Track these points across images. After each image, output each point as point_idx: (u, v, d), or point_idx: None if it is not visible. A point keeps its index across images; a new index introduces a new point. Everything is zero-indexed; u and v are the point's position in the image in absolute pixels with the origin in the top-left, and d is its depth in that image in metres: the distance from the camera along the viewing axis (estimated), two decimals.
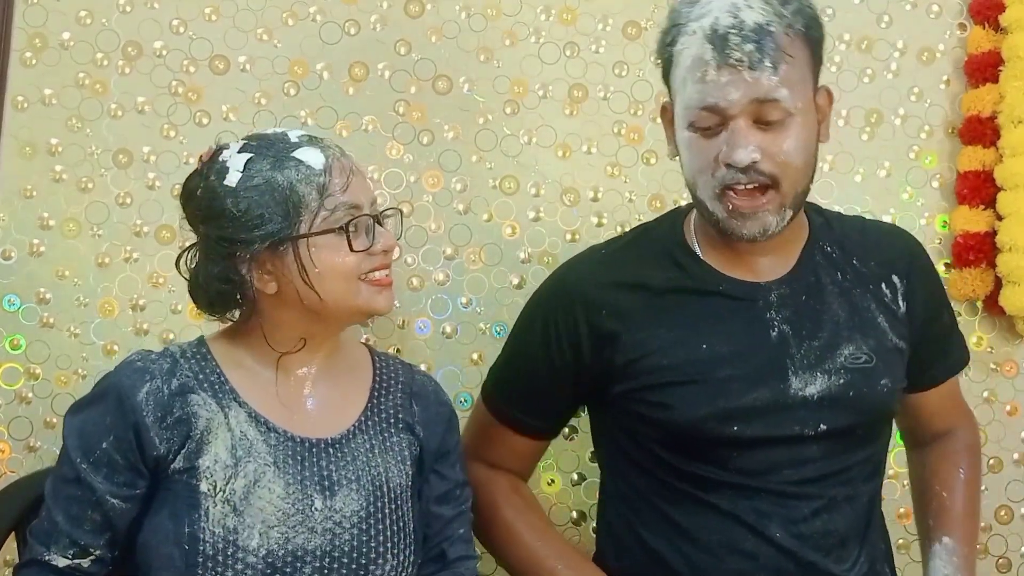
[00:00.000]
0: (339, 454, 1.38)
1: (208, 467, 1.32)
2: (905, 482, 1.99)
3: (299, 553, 1.32)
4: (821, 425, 1.44)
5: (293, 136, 1.39)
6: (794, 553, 1.43)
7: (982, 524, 1.99)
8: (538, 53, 2.01)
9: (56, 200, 1.91)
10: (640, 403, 1.47)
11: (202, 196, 1.37)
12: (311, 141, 1.38)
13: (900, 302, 1.53)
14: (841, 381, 1.45)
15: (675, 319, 1.47)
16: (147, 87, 1.94)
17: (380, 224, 1.39)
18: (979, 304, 2.04)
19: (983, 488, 1.99)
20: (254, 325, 1.39)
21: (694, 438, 1.44)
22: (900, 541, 1.98)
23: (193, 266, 1.41)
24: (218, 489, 1.31)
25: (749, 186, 1.39)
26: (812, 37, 1.42)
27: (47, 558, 1.33)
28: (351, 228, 1.35)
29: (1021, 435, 2.05)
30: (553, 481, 1.96)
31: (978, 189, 1.99)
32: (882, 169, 2.05)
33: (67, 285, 1.91)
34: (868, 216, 2.01)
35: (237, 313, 1.41)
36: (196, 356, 1.40)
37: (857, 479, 1.49)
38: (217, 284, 1.36)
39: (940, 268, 2.03)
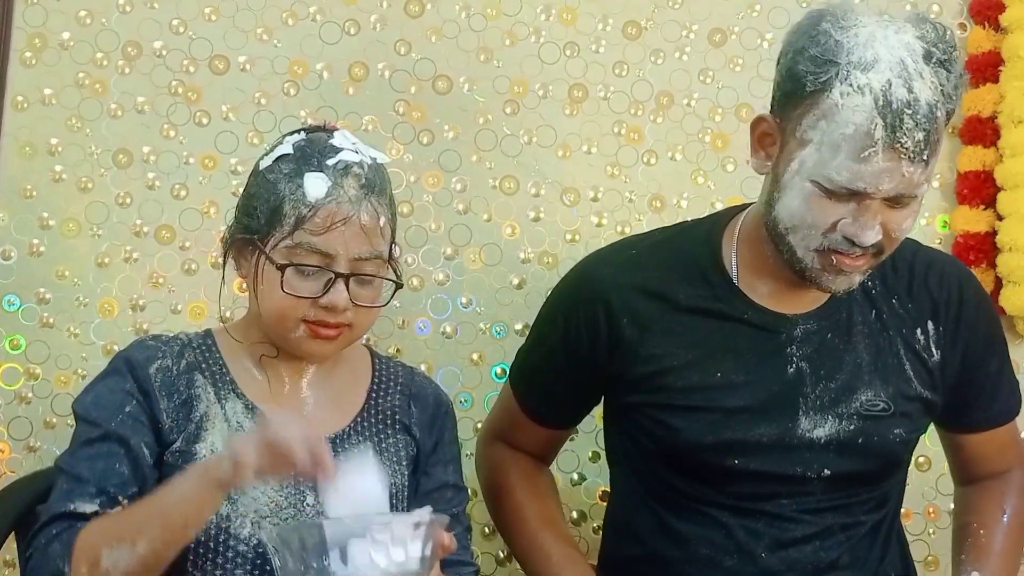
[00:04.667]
0: (334, 451, 1.35)
1: (205, 455, 1.33)
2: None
3: None
4: (825, 470, 1.42)
5: (337, 155, 1.35)
6: (776, 575, 1.42)
7: None
8: (538, 53, 2.00)
9: (56, 200, 1.91)
10: (646, 418, 1.47)
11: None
12: (336, 170, 1.33)
13: (934, 350, 1.47)
14: (852, 427, 1.42)
15: (693, 340, 1.44)
16: (147, 87, 1.94)
17: (348, 282, 1.32)
18: None
19: None
20: (250, 318, 1.42)
21: (694, 462, 1.44)
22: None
23: None
24: None
25: (858, 255, 1.35)
26: (953, 113, 1.35)
27: (71, 508, 1.27)
28: (292, 270, 1.31)
29: (1021, 435, 2.04)
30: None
31: (978, 189, 1.99)
32: None
33: (67, 285, 1.91)
34: None
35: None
36: (202, 346, 1.41)
37: (858, 511, 1.46)
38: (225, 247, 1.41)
39: None
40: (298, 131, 1.42)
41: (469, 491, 1.54)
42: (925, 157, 1.29)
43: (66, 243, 1.91)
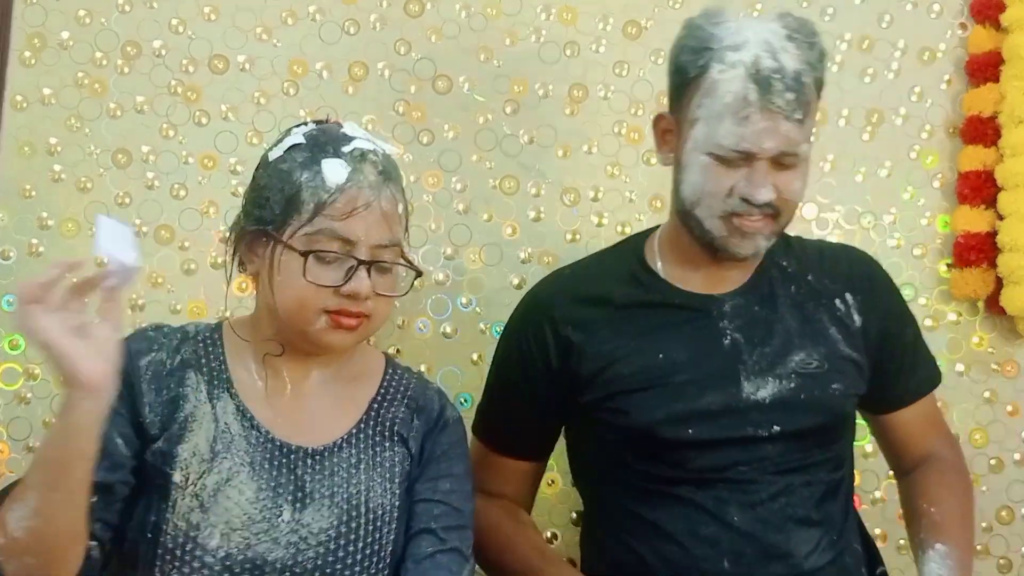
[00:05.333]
0: (317, 466, 1.34)
1: (185, 458, 1.30)
2: None
3: (259, 562, 1.28)
4: (775, 427, 1.49)
5: (351, 143, 1.34)
6: (753, 536, 1.47)
7: (983, 524, 1.99)
8: (538, 53, 2.00)
9: (55, 200, 1.91)
10: (603, 411, 1.53)
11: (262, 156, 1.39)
12: (354, 157, 1.32)
13: (854, 316, 1.58)
14: (792, 385, 1.50)
15: (634, 330, 1.54)
16: (146, 87, 1.94)
17: (369, 270, 1.30)
18: (980, 304, 2.03)
19: (983, 488, 2.00)
20: (258, 316, 1.38)
21: (653, 440, 1.49)
22: (901, 542, 1.98)
23: None
24: (190, 482, 1.29)
25: (756, 215, 1.47)
26: (822, 83, 1.49)
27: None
28: (314, 258, 1.29)
29: (1022, 435, 2.04)
30: (553, 482, 1.95)
31: (979, 189, 1.98)
32: (883, 169, 2.04)
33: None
34: (869, 217, 2.02)
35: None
36: (207, 340, 1.38)
37: (816, 471, 1.52)
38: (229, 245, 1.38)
39: (941, 268, 2.03)
40: (304, 123, 1.40)
41: (471, 515, 1.42)
42: (799, 117, 1.43)
43: (65, 243, 1.91)
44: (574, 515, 1.96)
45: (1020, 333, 2.02)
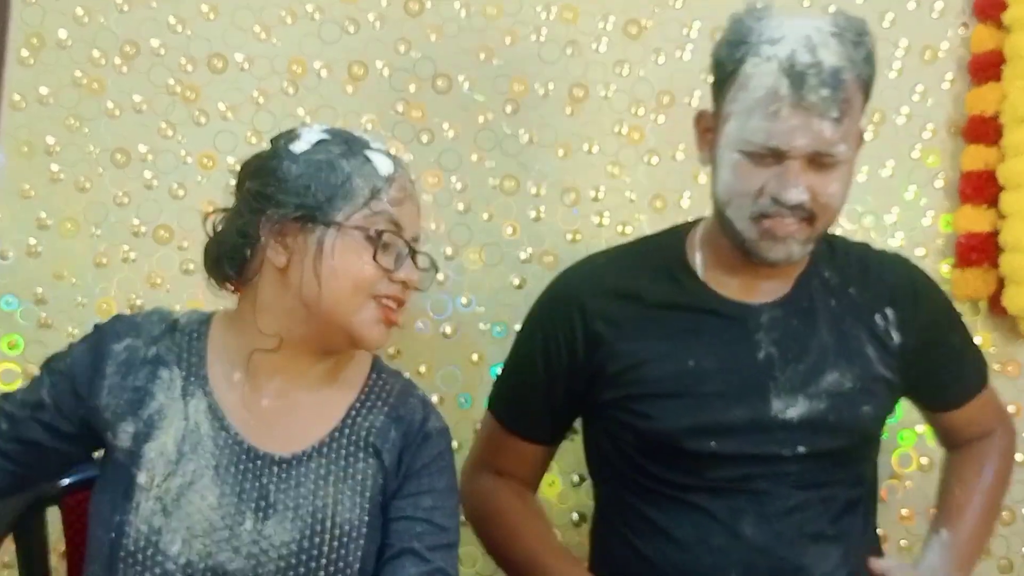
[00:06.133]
0: (284, 475, 1.30)
1: (152, 458, 1.28)
2: (907, 483, 2.00)
3: (220, 571, 1.25)
4: (799, 447, 1.46)
5: (375, 142, 1.35)
6: (765, 549, 1.44)
7: None
8: (538, 52, 2.00)
9: (54, 200, 1.91)
10: (625, 411, 1.50)
11: (263, 156, 1.35)
12: (389, 154, 1.34)
13: (893, 333, 1.53)
14: (822, 406, 1.47)
15: (666, 332, 1.50)
16: (145, 86, 1.93)
17: (413, 258, 1.33)
18: (982, 304, 2.03)
19: None
20: (249, 309, 1.33)
21: (673, 448, 1.47)
22: (903, 543, 1.98)
23: (220, 226, 1.36)
24: (154, 484, 1.27)
25: (788, 218, 1.41)
26: (869, 83, 1.43)
27: None
28: (382, 240, 1.29)
29: (1023, 436, 2.04)
30: (553, 483, 1.95)
31: (981, 188, 1.98)
32: (885, 168, 2.04)
33: (65, 285, 1.90)
34: (870, 216, 2.01)
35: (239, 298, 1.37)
36: (193, 333, 1.36)
37: (835, 488, 1.49)
38: (234, 238, 1.32)
39: (943, 268, 2.02)
40: (296, 128, 1.38)
41: (456, 532, 1.36)
42: (834, 115, 1.37)
43: (64, 243, 1.90)
44: (575, 515, 1.95)
45: (1022, 333, 2.01)
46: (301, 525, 1.28)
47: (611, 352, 1.50)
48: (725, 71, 1.43)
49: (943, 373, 1.60)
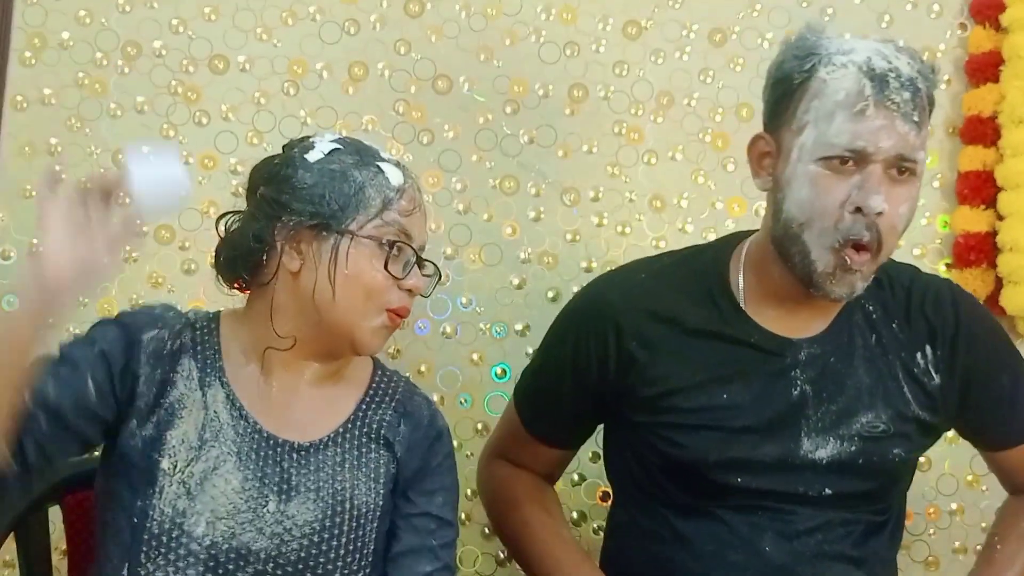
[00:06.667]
0: (304, 461, 1.35)
1: (174, 445, 1.31)
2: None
3: (243, 551, 1.30)
4: (826, 489, 1.44)
5: (385, 154, 1.40)
6: (784, 568, 1.43)
7: (983, 524, 1.97)
8: (538, 52, 2.00)
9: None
10: (654, 436, 1.48)
11: (277, 162, 1.38)
12: (399, 165, 1.39)
13: (933, 374, 1.49)
14: (852, 448, 1.44)
15: (701, 362, 1.46)
16: (146, 87, 1.94)
17: (420, 267, 1.37)
18: None
19: (983, 488, 1.99)
20: (262, 309, 1.36)
21: (698, 478, 1.45)
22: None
23: (232, 228, 1.39)
24: (177, 469, 1.30)
25: (865, 241, 1.37)
26: (933, 105, 1.41)
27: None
28: (394, 249, 1.34)
29: None
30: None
31: (979, 189, 1.98)
32: None
33: None
34: None
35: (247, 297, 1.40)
36: (205, 328, 1.39)
37: (861, 512, 1.48)
38: (248, 242, 1.35)
39: (941, 268, 2.02)
40: (308, 135, 1.41)
41: (458, 529, 1.45)
42: (915, 119, 1.35)
43: None
44: (575, 515, 1.96)
45: (1020, 333, 2.01)
46: (323, 505, 1.34)
47: (643, 376, 1.47)
48: (792, 84, 1.39)
49: (990, 414, 1.55)
